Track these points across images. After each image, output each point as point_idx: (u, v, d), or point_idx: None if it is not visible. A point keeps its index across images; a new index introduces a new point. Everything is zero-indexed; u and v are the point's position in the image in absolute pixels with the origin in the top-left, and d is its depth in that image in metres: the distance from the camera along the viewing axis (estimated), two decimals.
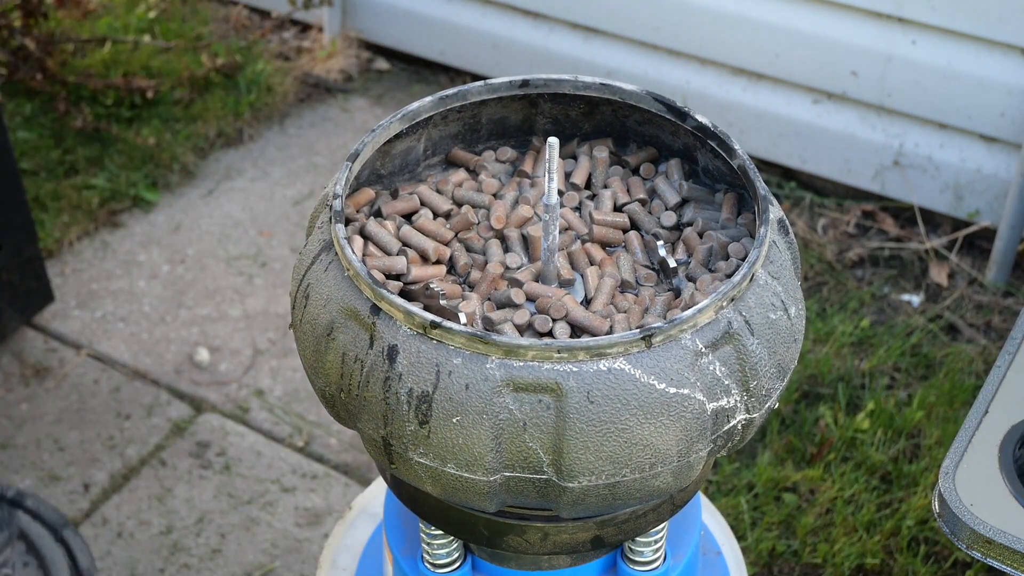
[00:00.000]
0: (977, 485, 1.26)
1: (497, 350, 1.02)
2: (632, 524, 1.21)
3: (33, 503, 1.33)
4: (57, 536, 1.30)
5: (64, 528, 1.30)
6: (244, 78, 3.16)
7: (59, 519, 1.32)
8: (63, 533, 1.30)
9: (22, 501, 1.33)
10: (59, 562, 1.23)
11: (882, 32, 2.63)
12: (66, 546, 1.28)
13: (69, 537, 1.29)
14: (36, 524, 1.30)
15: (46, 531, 1.29)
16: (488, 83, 1.28)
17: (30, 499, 1.34)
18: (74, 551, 1.26)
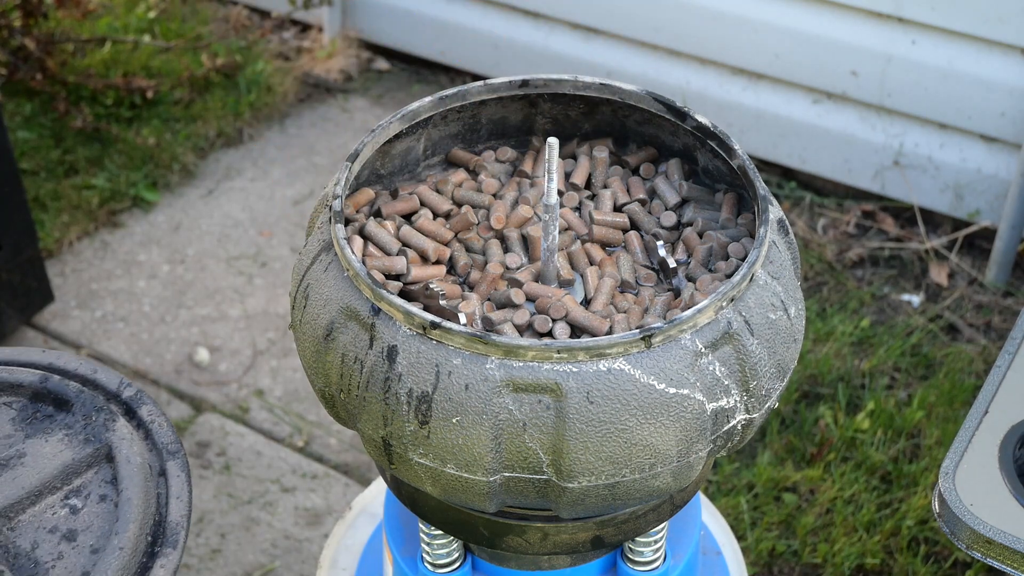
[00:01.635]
0: (977, 485, 1.26)
1: (497, 350, 1.02)
2: (632, 524, 1.21)
3: (149, 414, 1.03)
4: (158, 468, 1.00)
5: (172, 458, 1.00)
6: (244, 78, 3.16)
7: (171, 443, 1.01)
8: (166, 465, 1.00)
9: (136, 407, 1.04)
10: (140, 508, 0.95)
11: (882, 32, 2.63)
12: (165, 483, 0.99)
13: (171, 473, 0.99)
14: (137, 442, 1.01)
15: (146, 456, 1.00)
16: (488, 83, 1.28)
17: (147, 408, 1.04)
18: (169, 495, 0.98)
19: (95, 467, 0.98)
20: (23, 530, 0.93)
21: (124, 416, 1.02)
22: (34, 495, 0.96)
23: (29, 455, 0.98)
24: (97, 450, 0.99)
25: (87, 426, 1.00)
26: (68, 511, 0.95)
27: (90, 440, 0.99)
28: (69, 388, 1.03)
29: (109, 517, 0.95)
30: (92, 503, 0.96)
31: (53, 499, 0.96)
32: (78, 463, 0.98)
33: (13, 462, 0.98)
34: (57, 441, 0.99)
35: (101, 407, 1.02)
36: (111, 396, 1.05)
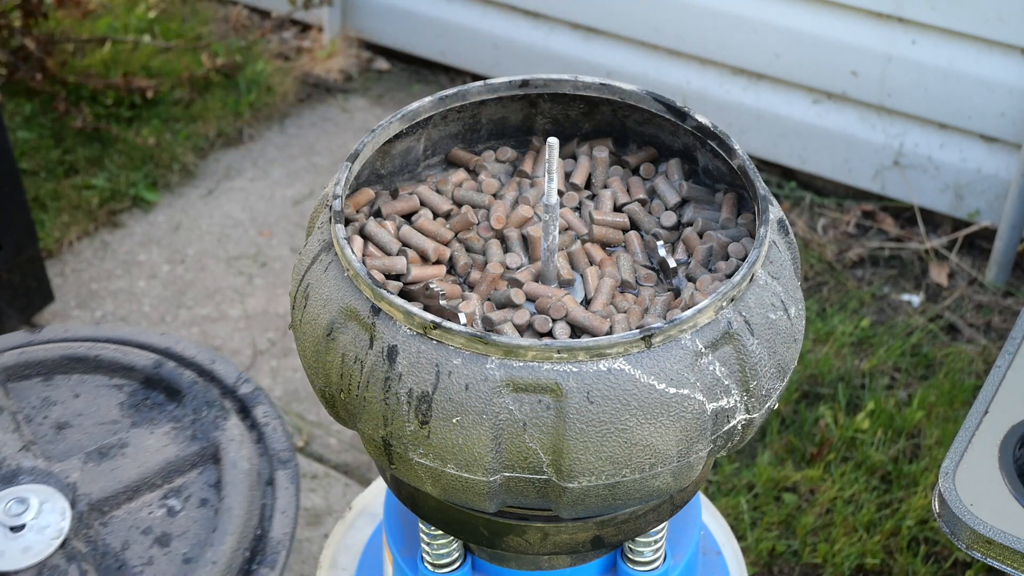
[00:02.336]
0: (977, 485, 1.26)
1: (497, 350, 1.02)
2: (632, 524, 1.21)
3: (264, 415, 0.95)
4: (267, 477, 0.91)
5: (282, 468, 0.91)
6: (244, 78, 3.16)
7: (283, 451, 0.92)
8: (276, 475, 0.92)
9: (252, 405, 0.95)
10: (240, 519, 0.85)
11: (882, 32, 2.63)
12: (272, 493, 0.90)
13: (280, 484, 0.90)
14: (248, 445, 0.91)
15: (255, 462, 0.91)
16: (488, 83, 1.28)
17: (263, 408, 0.95)
18: (275, 508, 0.89)
19: (200, 467, 0.91)
20: (115, 527, 0.86)
21: (237, 414, 0.94)
22: (132, 490, 0.88)
23: (132, 446, 0.91)
24: (204, 449, 0.91)
25: (196, 421, 0.92)
26: (165, 512, 0.88)
27: (197, 437, 0.92)
28: (183, 378, 0.96)
29: (207, 525, 0.87)
30: (191, 507, 0.88)
31: (151, 497, 0.89)
32: (182, 461, 0.90)
33: (114, 451, 0.90)
34: (163, 434, 0.92)
35: (213, 402, 0.94)
36: (226, 391, 0.96)
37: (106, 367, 0.97)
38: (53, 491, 0.86)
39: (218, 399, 0.94)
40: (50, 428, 0.93)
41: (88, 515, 0.86)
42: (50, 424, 0.93)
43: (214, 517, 0.87)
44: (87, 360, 0.97)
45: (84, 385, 0.97)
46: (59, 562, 0.81)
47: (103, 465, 0.89)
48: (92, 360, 0.97)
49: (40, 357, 0.97)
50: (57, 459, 0.89)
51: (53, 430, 0.93)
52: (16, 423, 0.91)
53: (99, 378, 0.97)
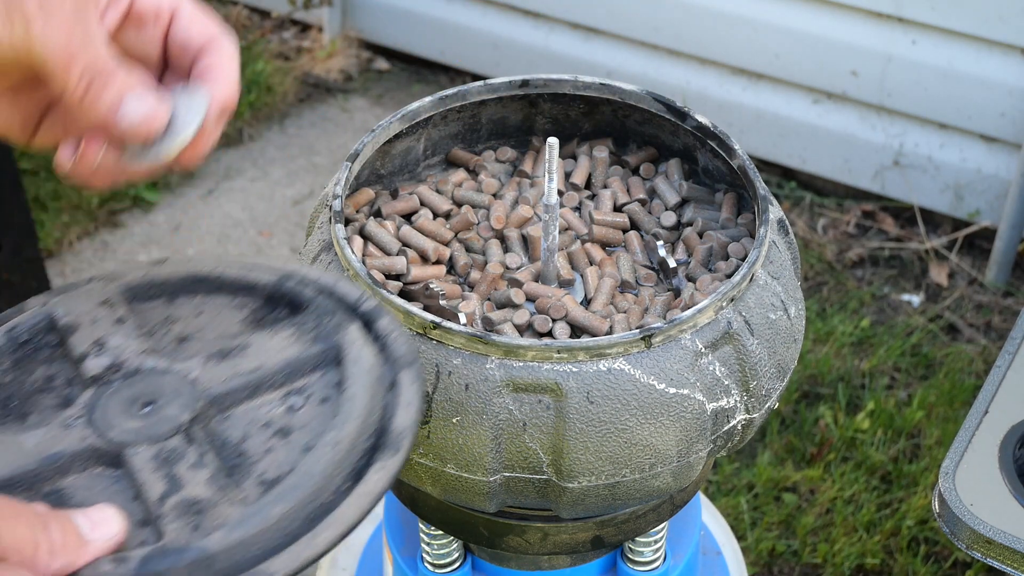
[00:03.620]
0: (977, 485, 1.26)
1: (497, 350, 1.02)
2: (632, 524, 1.21)
3: (387, 325, 0.91)
4: (389, 380, 0.88)
5: (406, 368, 0.88)
6: (244, 78, 3.17)
7: (406, 354, 0.89)
8: (399, 375, 0.88)
9: (375, 319, 0.92)
10: (363, 409, 0.84)
11: (882, 32, 2.63)
12: (394, 394, 0.87)
13: (403, 382, 0.87)
14: (369, 348, 0.89)
15: (377, 365, 0.88)
16: (488, 83, 1.28)
17: (386, 320, 0.92)
18: (398, 404, 0.86)
19: (321, 369, 0.89)
20: (235, 422, 0.86)
21: (360, 326, 0.91)
22: (252, 388, 0.87)
23: (253, 347, 0.90)
24: (325, 351, 0.89)
25: (318, 326, 0.90)
26: (285, 409, 0.86)
27: (319, 340, 0.89)
28: (305, 292, 0.94)
29: (328, 418, 0.85)
30: (313, 404, 0.86)
31: (272, 396, 0.87)
32: (303, 361, 0.89)
33: (235, 353, 0.89)
34: (284, 337, 0.90)
35: (336, 311, 0.92)
36: (349, 307, 0.93)
37: (229, 286, 0.96)
38: (172, 385, 0.87)
39: (340, 310, 0.92)
40: (172, 340, 0.93)
41: (207, 409, 0.85)
42: (172, 337, 0.93)
43: (336, 410, 0.85)
44: (210, 280, 0.96)
45: (207, 304, 0.96)
46: (178, 444, 0.82)
47: (223, 364, 0.88)
48: (215, 280, 0.96)
49: (164, 277, 0.96)
50: (178, 361, 0.89)
51: (175, 342, 0.93)
52: (139, 334, 0.92)
53: (222, 298, 0.96)
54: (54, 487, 0.82)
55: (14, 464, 0.82)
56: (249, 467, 0.82)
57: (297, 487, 0.79)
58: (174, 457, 0.82)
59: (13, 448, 0.83)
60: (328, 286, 0.95)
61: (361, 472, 0.82)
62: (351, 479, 0.81)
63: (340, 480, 0.81)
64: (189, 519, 0.78)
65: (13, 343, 0.93)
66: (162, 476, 0.80)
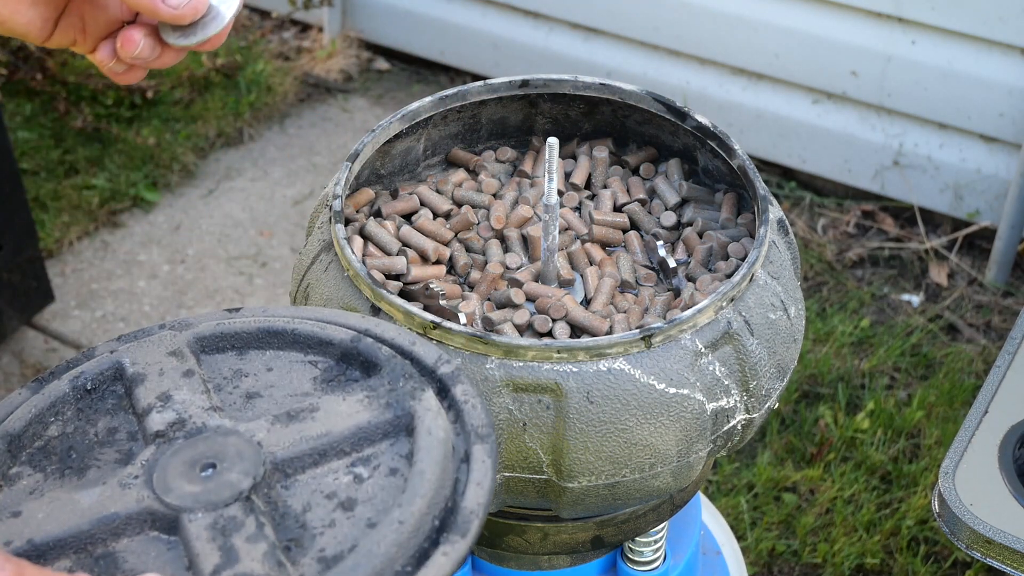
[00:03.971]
0: (977, 485, 1.26)
1: (497, 350, 1.02)
2: (632, 524, 1.21)
3: (464, 393, 0.88)
4: (463, 452, 0.85)
5: (480, 442, 0.85)
6: (244, 78, 3.17)
7: (482, 427, 0.86)
8: (472, 449, 0.85)
9: (451, 384, 0.89)
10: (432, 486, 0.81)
11: (882, 32, 2.63)
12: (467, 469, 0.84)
13: (476, 457, 0.84)
14: (443, 419, 0.86)
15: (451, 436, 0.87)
16: (488, 83, 1.28)
17: (463, 387, 0.89)
18: (469, 481, 0.83)
19: (392, 438, 0.86)
20: (298, 490, 0.83)
21: (435, 391, 0.89)
22: (319, 454, 0.84)
23: (322, 411, 0.87)
24: (398, 418, 0.86)
25: (392, 392, 0.87)
26: (352, 479, 0.83)
27: (391, 406, 0.86)
28: (381, 352, 0.91)
29: (396, 493, 0.82)
30: (380, 475, 0.83)
31: (339, 464, 0.84)
32: (374, 428, 0.86)
33: (304, 415, 0.87)
34: (356, 401, 0.87)
35: (411, 375, 0.89)
36: (425, 370, 0.91)
37: (302, 342, 0.94)
38: (236, 447, 0.84)
39: (416, 374, 0.89)
40: (239, 397, 0.91)
41: (271, 475, 0.83)
42: (240, 394, 0.91)
43: (404, 484, 0.82)
44: (283, 334, 0.94)
45: (278, 360, 0.94)
46: (236, 513, 0.79)
47: (291, 427, 0.86)
48: (288, 334, 0.94)
49: (236, 329, 0.94)
50: (244, 421, 0.87)
51: (242, 399, 0.90)
52: (206, 389, 0.90)
53: (294, 354, 0.94)
54: (106, 550, 0.80)
55: (68, 524, 0.80)
56: (309, 541, 0.79)
57: (357, 568, 0.76)
58: (232, 527, 0.79)
59: (69, 506, 0.81)
60: (405, 346, 0.92)
61: (426, 554, 0.79)
62: (414, 562, 0.78)
63: (402, 563, 0.78)
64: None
65: (79, 391, 0.91)
66: (218, 547, 0.78)
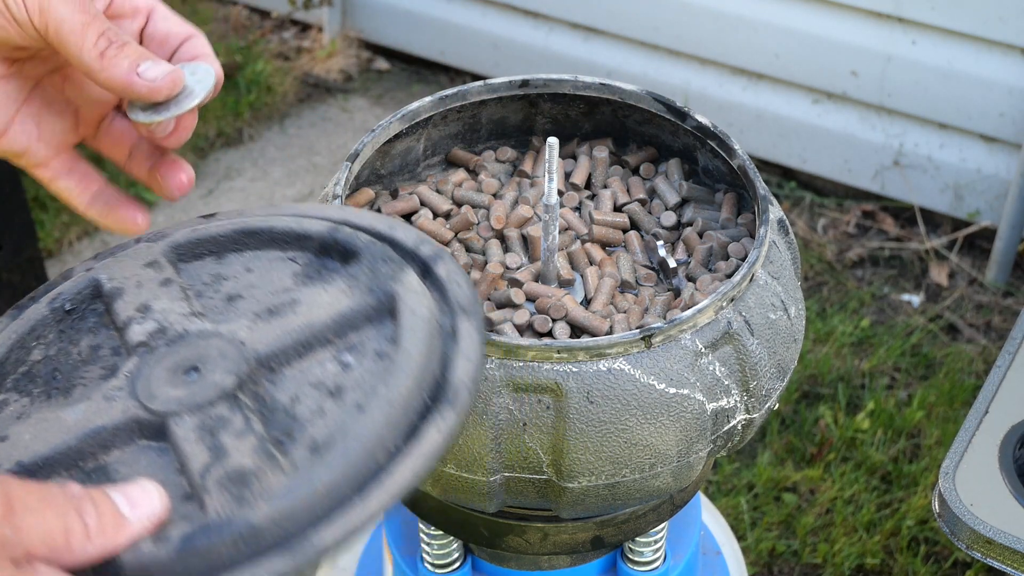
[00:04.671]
0: (977, 485, 1.26)
1: (497, 350, 1.02)
2: (632, 524, 1.21)
3: (448, 271, 0.86)
4: (449, 328, 0.83)
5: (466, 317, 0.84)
6: (244, 78, 3.17)
7: (468, 302, 0.84)
8: (459, 324, 0.83)
9: (434, 264, 0.87)
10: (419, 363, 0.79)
11: (882, 32, 2.63)
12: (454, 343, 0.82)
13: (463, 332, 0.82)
14: (427, 297, 0.84)
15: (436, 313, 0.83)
16: (488, 83, 1.28)
17: (447, 265, 0.87)
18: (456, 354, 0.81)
19: (375, 322, 0.84)
20: (285, 383, 0.81)
21: (417, 272, 0.87)
22: (303, 346, 0.83)
23: (303, 303, 0.85)
24: (380, 302, 0.84)
25: (372, 276, 0.86)
26: (338, 367, 0.82)
27: (373, 291, 0.85)
28: (359, 239, 0.89)
29: (383, 374, 0.80)
30: (367, 360, 0.81)
31: (324, 354, 0.83)
32: (356, 314, 0.84)
33: (285, 310, 0.85)
34: (337, 291, 0.86)
35: (391, 258, 0.87)
36: (406, 253, 0.89)
37: (280, 239, 0.92)
38: (219, 348, 0.83)
39: (396, 257, 0.87)
40: (221, 300, 0.89)
41: (256, 371, 0.82)
42: (221, 297, 0.89)
43: (390, 365, 0.80)
44: (260, 233, 0.92)
45: (257, 260, 0.92)
46: (223, 412, 0.78)
47: (273, 323, 0.84)
48: (266, 232, 0.92)
49: (212, 233, 0.92)
50: (225, 323, 0.85)
51: (224, 302, 0.89)
52: (186, 296, 0.88)
53: (273, 252, 0.92)
54: (97, 464, 0.79)
55: (55, 442, 0.79)
56: (299, 431, 0.78)
57: (347, 451, 0.75)
58: (219, 425, 0.78)
59: (55, 425, 0.80)
60: (384, 231, 0.90)
61: (417, 430, 0.78)
62: (405, 438, 0.77)
63: (393, 440, 0.76)
64: (234, 491, 0.74)
65: (58, 313, 0.89)
66: (206, 446, 0.77)
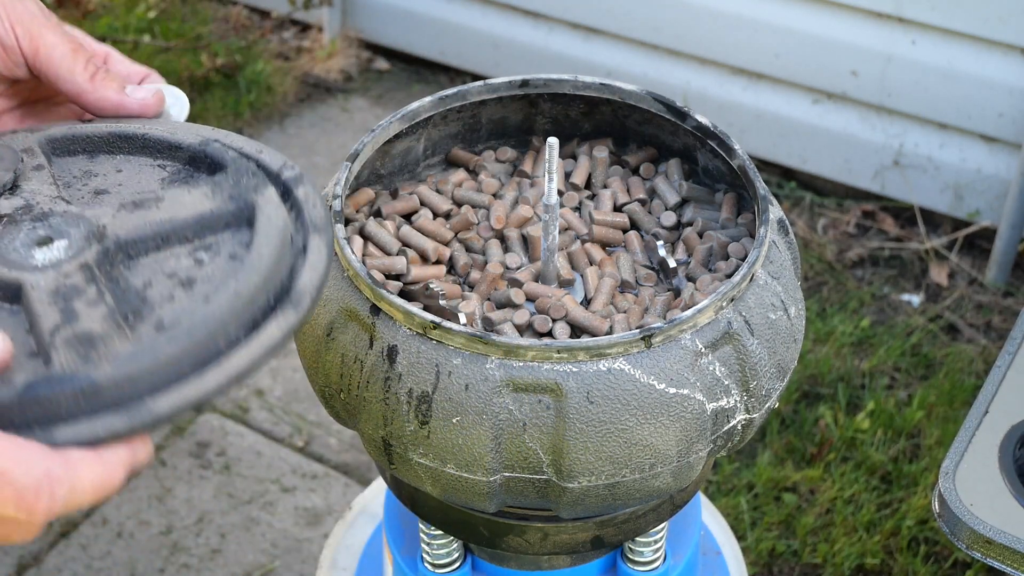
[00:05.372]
0: (977, 485, 1.26)
1: (497, 350, 1.02)
2: (632, 524, 1.21)
3: (306, 194, 0.90)
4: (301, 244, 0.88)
5: (317, 234, 0.88)
6: (244, 78, 3.17)
7: (321, 221, 0.88)
8: (310, 240, 0.87)
9: (294, 187, 0.91)
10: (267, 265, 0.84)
11: (882, 32, 2.63)
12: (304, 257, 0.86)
13: (313, 247, 0.87)
14: (284, 213, 0.88)
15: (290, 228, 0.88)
16: (488, 83, 1.28)
17: (305, 188, 0.91)
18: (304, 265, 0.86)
19: (233, 228, 0.89)
20: (139, 270, 0.86)
21: (278, 192, 0.92)
22: (161, 238, 0.87)
23: (167, 201, 0.90)
24: (240, 210, 0.89)
25: (235, 186, 0.90)
26: (193, 263, 0.86)
27: (234, 199, 0.89)
28: (228, 154, 0.94)
29: (233, 272, 0.84)
30: (220, 260, 0.86)
31: (180, 249, 0.87)
32: (216, 217, 0.88)
33: (148, 203, 0.89)
34: (200, 194, 0.90)
35: (256, 173, 0.92)
36: (271, 174, 0.93)
37: (152, 146, 0.97)
38: (81, 228, 0.87)
39: (260, 173, 0.92)
40: (88, 193, 0.94)
41: (114, 254, 0.86)
42: (88, 190, 0.94)
43: (241, 266, 0.85)
44: (134, 138, 0.97)
45: (128, 163, 0.97)
46: (78, 281, 0.82)
47: (135, 213, 0.89)
48: (139, 138, 0.97)
49: (88, 132, 0.97)
50: (90, 209, 0.90)
51: (91, 195, 0.93)
52: (55, 182, 0.92)
53: (144, 159, 0.97)
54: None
55: None
56: (148, 312, 0.82)
57: (191, 331, 0.79)
58: (73, 293, 0.82)
59: None
60: (252, 153, 0.95)
61: (258, 324, 0.82)
62: (247, 330, 0.82)
63: (235, 330, 0.81)
64: (80, 350, 0.78)
65: None
66: (58, 309, 0.80)
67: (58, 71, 0.93)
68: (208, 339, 0.80)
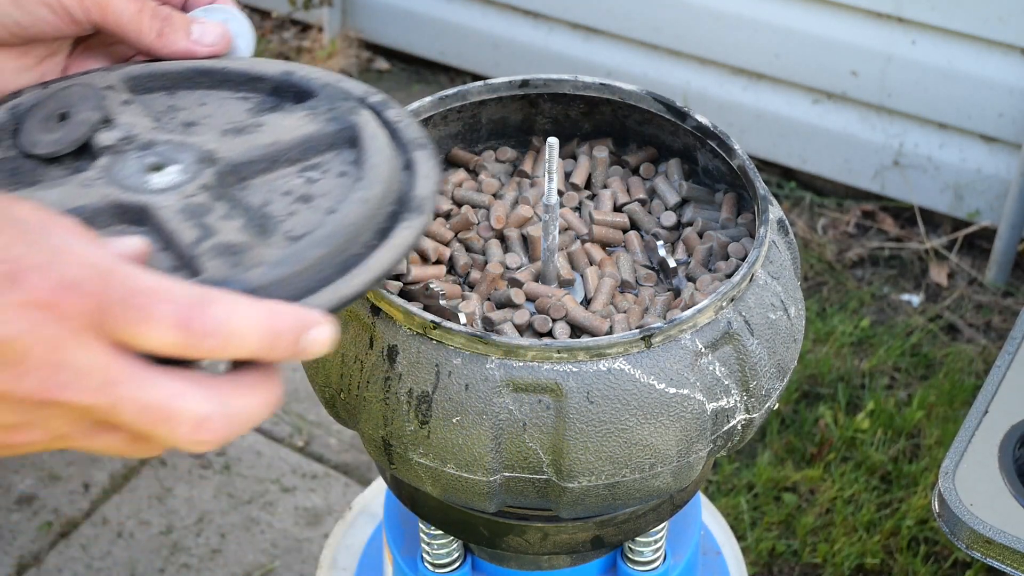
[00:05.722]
0: (977, 485, 1.26)
1: (497, 350, 1.02)
2: (632, 524, 1.21)
3: (396, 115, 0.92)
4: (403, 162, 0.89)
5: (420, 149, 0.89)
6: None
7: (419, 138, 0.91)
8: (413, 155, 0.89)
9: (382, 110, 0.93)
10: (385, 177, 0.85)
11: (882, 32, 2.63)
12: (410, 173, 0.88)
13: (419, 160, 0.88)
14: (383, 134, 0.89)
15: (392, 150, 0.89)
16: (488, 83, 1.28)
17: (395, 111, 0.93)
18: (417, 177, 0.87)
19: (337, 149, 0.89)
20: (254, 191, 0.85)
21: (372, 115, 0.92)
22: (269, 160, 0.87)
23: (268, 126, 0.89)
24: (341, 130, 0.89)
25: (331, 110, 0.90)
26: (304, 181, 0.86)
27: (334, 121, 0.89)
28: (313, 82, 0.94)
29: (350, 185, 0.85)
30: (331, 177, 0.86)
31: (290, 170, 0.87)
32: (319, 139, 0.88)
33: (250, 129, 0.89)
34: (298, 118, 0.90)
35: (348, 97, 0.92)
36: (357, 98, 0.94)
37: (233, 79, 0.96)
38: (190, 154, 0.85)
39: (353, 97, 0.92)
40: (179, 124, 0.92)
41: (226, 176, 0.85)
42: (178, 122, 0.92)
43: (358, 178, 0.85)
44: (213, 72, 0.96)
45: (209, 97, 0.95)
46: (204, 200, 0.81)
47: (239, 138, 0.88)
48: (219, 72, 0.96)
49: (165, 69, 0.95)
50: (191, 136, 0.88)
51: (182, 126, 0.92)
52: (147, 114, 0.91)
53: (225, 92, 0.95)
54: None
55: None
56: (275, 226, 0.82)
57: (330, 236, 0.78)
58: (202, 211, 0.80)
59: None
60: (333, 82, 0.95)
61: (387, 231, 0.82)
62: (378, 236, 0.82)
63: (368, 236, 0.81)
64: (227, 258, 0.77)
65: (15, 119, 0.89)
66: (193, 225, 0.79)
67: (126, 34, 0.93)
68: (347, 243, 0.79)
